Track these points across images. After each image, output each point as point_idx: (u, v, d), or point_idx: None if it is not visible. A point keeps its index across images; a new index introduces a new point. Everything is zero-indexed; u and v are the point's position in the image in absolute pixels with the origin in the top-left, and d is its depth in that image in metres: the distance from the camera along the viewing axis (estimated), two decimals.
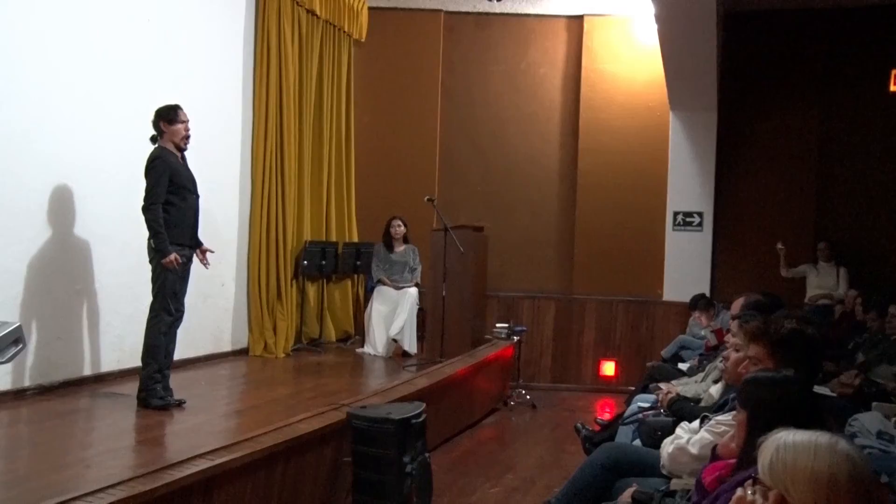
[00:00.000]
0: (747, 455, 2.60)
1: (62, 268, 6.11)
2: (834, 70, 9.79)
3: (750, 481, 2.19)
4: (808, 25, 9.78)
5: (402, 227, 9.16)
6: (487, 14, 10.21)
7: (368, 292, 9.44)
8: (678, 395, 5.19)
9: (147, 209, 5.55)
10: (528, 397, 8.91)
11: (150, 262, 5.64)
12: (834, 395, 5.50)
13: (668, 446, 3.85)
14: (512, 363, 9.25)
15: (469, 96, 10.45)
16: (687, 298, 9.25)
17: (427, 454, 5.11)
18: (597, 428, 6.48)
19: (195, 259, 5.91)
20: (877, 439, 4.56)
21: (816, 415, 2.81)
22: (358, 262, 9.70)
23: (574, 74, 10.27)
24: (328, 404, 5.38)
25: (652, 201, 10.03)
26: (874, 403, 5.14)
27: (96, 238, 6.31)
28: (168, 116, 5.71)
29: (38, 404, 5.61)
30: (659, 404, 5.31)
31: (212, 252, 6.07)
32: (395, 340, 8.85)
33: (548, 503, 4.23)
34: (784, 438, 2.08)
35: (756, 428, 2.57)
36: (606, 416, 7.48)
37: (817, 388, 4.47)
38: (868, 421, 4.82)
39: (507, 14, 10.22)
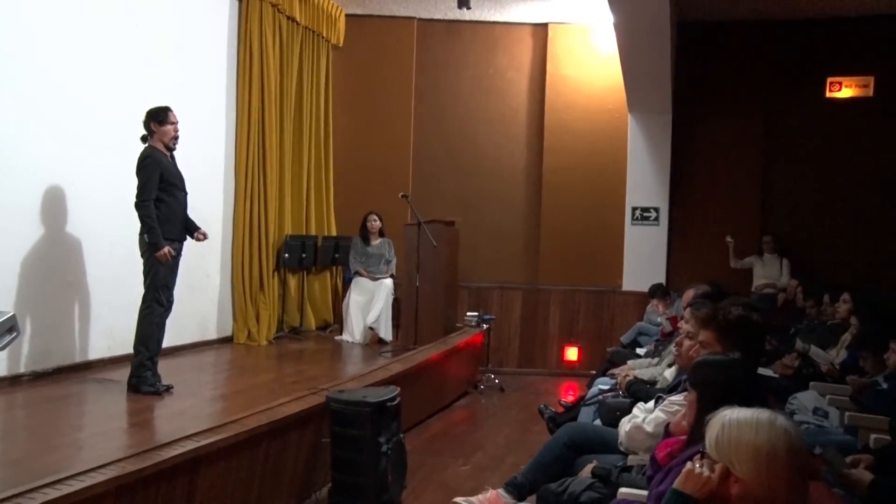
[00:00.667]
0: (697, 432, 2.65)
1: (55, 261, 6.06)
2: (777, 77, 9.87)
3: (698, 456, 2.24)
4: (753, 36, 9.85)
5: (378, 222, 9.16)
6: (458, 21, 10.19)
7: (346, 283, 9.43)
8: (635, 377, 5.25)
9: (140, 206, 5.52)
10: (496, 381, 8.94)
11: (142, 255, 5.61)
12: (776, 375, 5.59)
13: (625, 425, 3.89)
14: (481, 349, 9.28)
15: (440, 99, 10.44)
16: (644, 288, 9.32)
17: (401, 435, 5.11)
18: (561, 410, 6.53)
19: (183, 252, 5.87)
20: (813, 415, 4.67)
21: (759, 394, 2.86)
22: (336, 255, 9.68)
23: (539, 79, 10.29)
24: (308, 389, 5.36)
25: (612, 197, 10.06)
26: (811, 383, 5.25)
27: (87, 233, 6.26)
28: (159, 117, 5.67)
29: (33, 390, 5.57)
30: (618, 386, 5.37)
31: (205, 235, 6.03)
32: (371, 328, 8.85)
33: (514, 479, 4.26)
34: (729, 416, 2.14)
35: (705, 407, 2.60)
36: (570, 399, 7.56)
37: (761, 370, 4.54)
38: (806, 399, 4.93)
39: (476, 21, 10.20)
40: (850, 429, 4.41)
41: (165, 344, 5.99)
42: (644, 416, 3.82)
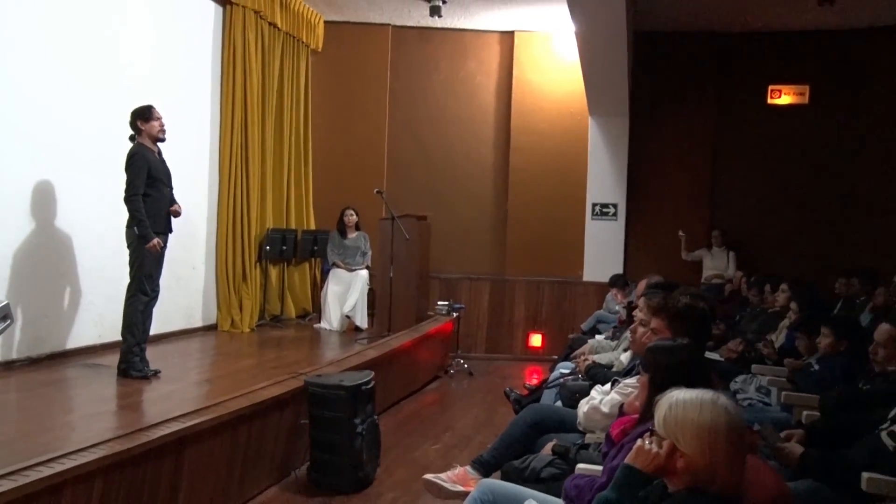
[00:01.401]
0: (647, 411, 2.66)
1: (47, 253, 5.99)
2: (724, 84, 9.99)
3: (648, 433, 2.27)
4: (704, 46, 9.94)
5: (355, 216, 9.13)
6: (430, 28, 10.18)
7: (324, 274, 9.40)
8: (594, 362, 5.29)
9: (129, 200, 5.46)
10: (465, 366, 8.97)
11: (129, 247, 5.55)
12: (722, 359, 5.66)
13: (583, 406, 3.90)
14: (451, 336, 9.30)
15: (413, 101, 10.43)
16: (604, 279, 9.38)
17: (376, 416, 5.14)
18: (525, 392, 6.55)
19: (170, 245, 5.83)
20: (756, 394, 4.74)
21: (705, 376, 2.87)
22: (315, 248, 9.65)
23: (506, 83, 10.31)
24: (288, 373, 5.36)
25: (573, 194, 10.12)
26: (753, 366, 5.33)
27: (77, 226, 6.19)
28: (144, 115, 5.61)
29: (27, 374, 5.52)
30: (577, 370, 5.41)
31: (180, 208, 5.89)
32: (348, 317, 8.83)
33: (481, 457, 4.27)
34: (675, 396, 2.16)
35: (655, 388, 2.60)
36: (534, 382, 7.57)
37: (708, 354, 4.59)
38: (748, 380, 5.00)
39: (447, 29, 10.20)
40: (786, 407, 4.49)
41: (153, 331, 5.95)
42: (601, 398, 3.83)
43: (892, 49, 9.43)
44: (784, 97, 9.92)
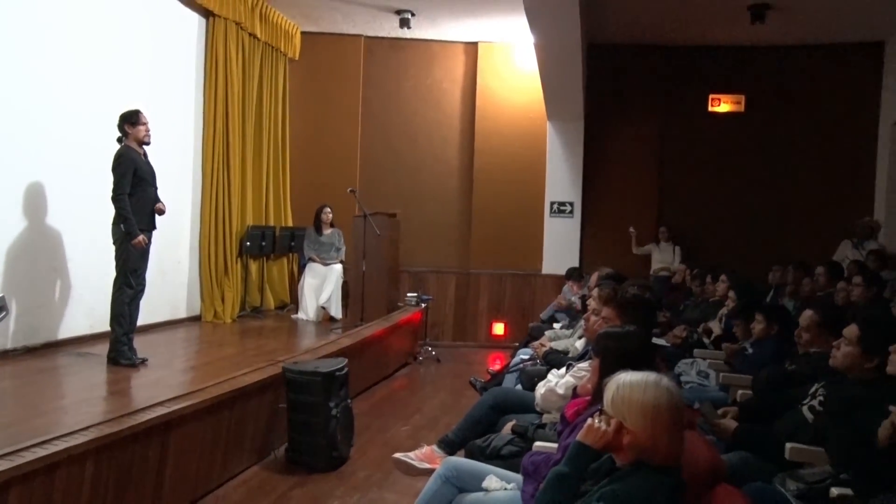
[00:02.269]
0: (598, 392, 2.67)
1: (40, 248, 5.94)
2: (670, 92, 10.09)
3: (598, 412, 2.32)
4: (651, 58, 10.03)
5: (330, 214, 9.13)
6: (400, 39, 10.17)
7: (301, 268, 9.37)
8: (551, 348, 5.36)
9: (116, 199, 5.42)
10: (433, 353, 8.99)
11: (114, 243, 5.51)
12: (668, 344, 5.75)
13: (541, 388, 3.95)
14: (420, 325, 9.31)
15: (384, 106, 10.41)
16: (561, 272, 9.42)
17: (349, 400, 5.15)
18: (488, 377, 6.62)
19: (156, 241, 5.79)
20: (696, 376, 4.83)
21: (651, 360, 2.93)
22: (292, 243, 9.61)
23: (470, 90, 10.34)
24: (267, 361, 5.37)
25: (533, 193, 10.17)
26: (695, 350, 5.43)
27: (70, 223, 6.13)
28: (131, 119, 5.57)
29: (22, 363, 5.47)
30: (536, 356, 5.48)
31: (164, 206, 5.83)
32: (323, 308, 8.83)
33: (447, 437, 4.31)
34: (622, 379, 2.19)
35: (606, 371, 2.62)
36: (496, 367, 7.63)
37: (655, 340, 4.67)
38: (691, 363, 5.10)
39: (416, 40, 10.20)
40: (724, 387, 4.58)
41: (140, 322, 5.90)
42: (557, 381, 3.90)
43: (815, 64, 9.70)
44: (723, 105, 10.06)
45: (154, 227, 5.73)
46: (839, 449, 2.91)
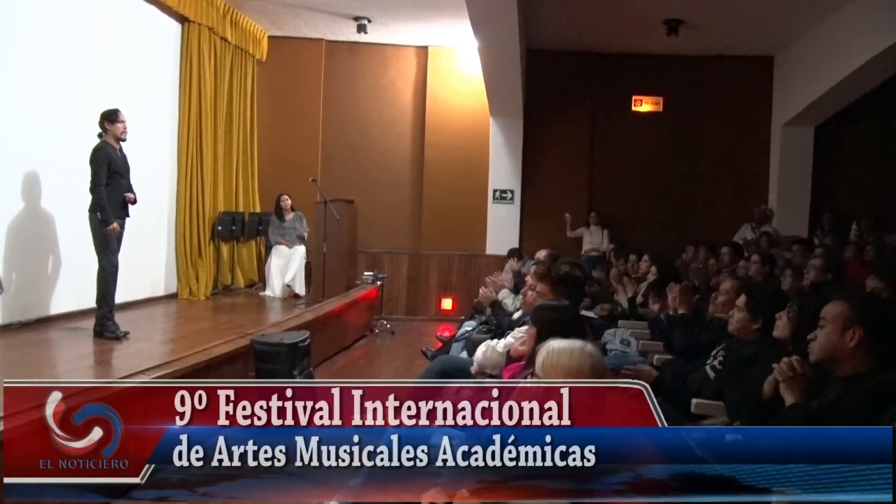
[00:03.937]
0: (532, 358, 2.75)
1: (33, 232, 5.94)
2: (599, 92, 10.20)
3: (530, 374, 2.46)
4: (584, 61, 10.13)
5: (289, 200, 9.14)
6: (358, 43, 10.13)
7: (268, 250, 9.33)
8: (500, 301, 5.51)
9: (93, 190, 5.42)
10: (388, 326, 9.02)
11: (91, 229, 5.50)
12: (596, 316, 5.95)
13: (481, 348, 4.05)
14: (376, 301, 9.35)
15: (343, 104, 10.38)
16: (503, 252, 9.39)
17: (311, 369, 5.26)
18: (439, 344, 6.74)
19: (137, 226, 5.81)
20: (620, 344, 5.05)
21: (580, 329, 3.08)
22: (260, 228, 9.59)
23: (422, 89, 10.35)
24: (237, 334, 5.43)
25: (478, 182, 10.23)
26: (619, 321, 5.65)
27: (59, 208, 6.10)
28: (111, 118, 5.55)
29: (18, 336, 5.49)
30: (494, 285, 5.60)
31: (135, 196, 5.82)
32: (288, 286, 8.86)
33: None
34: (552, 345, 2.29)
35: (540, 339, 2.70)
36: (446, 335, 7.75)
37: (584, 312, 4.86)
38: (615, 333, 5.31)
39: (373, 43, 10.17)
40: (643, 353, 4.81)
41: (123, 299, 6.01)
42: (496, 342, 4.04)
43: (720, 72, 10.02)
44: (644, 105, 10.26)
45: (127, 216, 5.72)
46: (733, 401, 3.13)
